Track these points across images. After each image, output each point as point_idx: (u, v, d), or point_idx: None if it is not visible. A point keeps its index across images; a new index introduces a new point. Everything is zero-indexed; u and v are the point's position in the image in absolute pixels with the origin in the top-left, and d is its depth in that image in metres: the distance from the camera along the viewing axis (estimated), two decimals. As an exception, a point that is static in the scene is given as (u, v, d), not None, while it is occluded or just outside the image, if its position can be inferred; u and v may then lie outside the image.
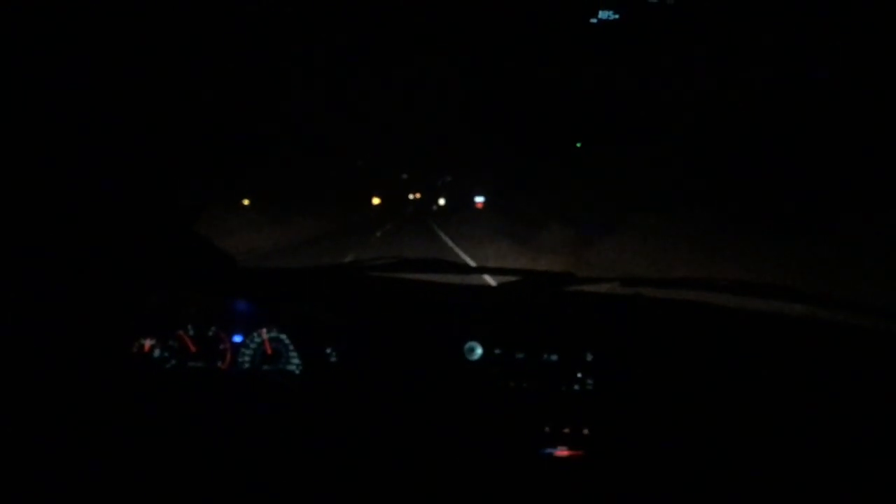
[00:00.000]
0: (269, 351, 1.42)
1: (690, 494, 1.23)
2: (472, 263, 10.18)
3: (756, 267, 8.03)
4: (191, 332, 1.43)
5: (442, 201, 57.09)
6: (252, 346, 1.42)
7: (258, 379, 1.41)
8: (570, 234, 14.24)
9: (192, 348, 1.42)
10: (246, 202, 21.24)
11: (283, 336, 1.42)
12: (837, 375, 1.28)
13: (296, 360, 1.41)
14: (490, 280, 1.49)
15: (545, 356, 1.36)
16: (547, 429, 1.31)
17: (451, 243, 16.12)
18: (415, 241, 17.62)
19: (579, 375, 1.34)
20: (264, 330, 1.43)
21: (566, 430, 1.30)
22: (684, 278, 1.51)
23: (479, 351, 1.37)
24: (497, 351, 1.37)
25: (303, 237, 17.85)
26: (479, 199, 35.44)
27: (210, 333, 1.43)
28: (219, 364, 1.42)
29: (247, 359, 1.42)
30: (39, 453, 1.18)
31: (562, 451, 1.29)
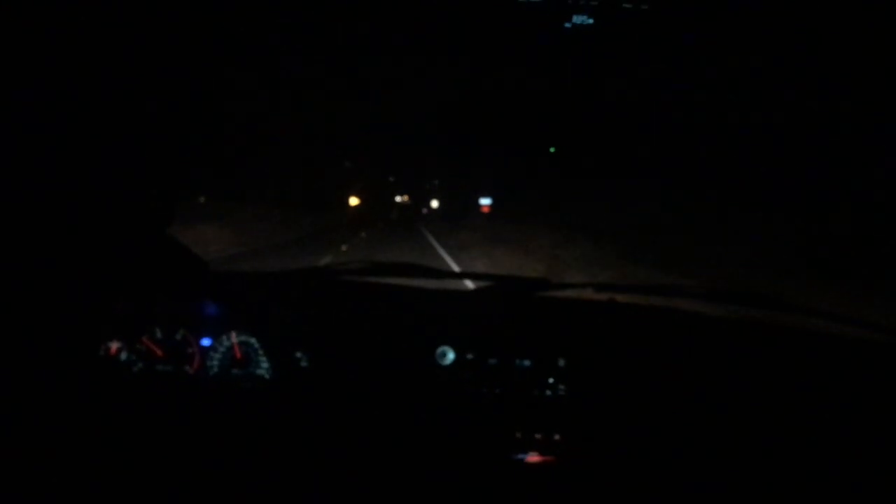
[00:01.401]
0: (239, 355, 1.39)
1: (662, 501, 1.24)
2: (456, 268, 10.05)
3: (730, 273, 8.17)
4: (158, 336, 1.40)
5: (435, 203, 51.66)
6: (221, 349, 1.40)
7: (227, 383, 1.39)
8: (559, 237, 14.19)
9: (159, 353, 1.39)
10: (202, 199, 18.54)
11: (253, 340, 1.40)
12: (809, 380, 1.30)
13: (265, 365, 1.39)
14: (464, 285, 1.49)
15: (518, 361, 1.36)
16: (518, 434, 1.30)
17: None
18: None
19: (551, 381, 1.35)
20: (234, 333, 1.40)
21: (538, 436, 1.30)
22: (656, 285, 1.52)
23: (451, 356, 1.36)
24: (469, 356, 1.36)
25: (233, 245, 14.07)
26: (485, 202, 31.72)
27: (178, 337, 1.40)
28: (187, 368, 1.39)
29: (215, 363, 1.40)
30: (7, 455, 1.15)
31: (533, 457, 1.28)
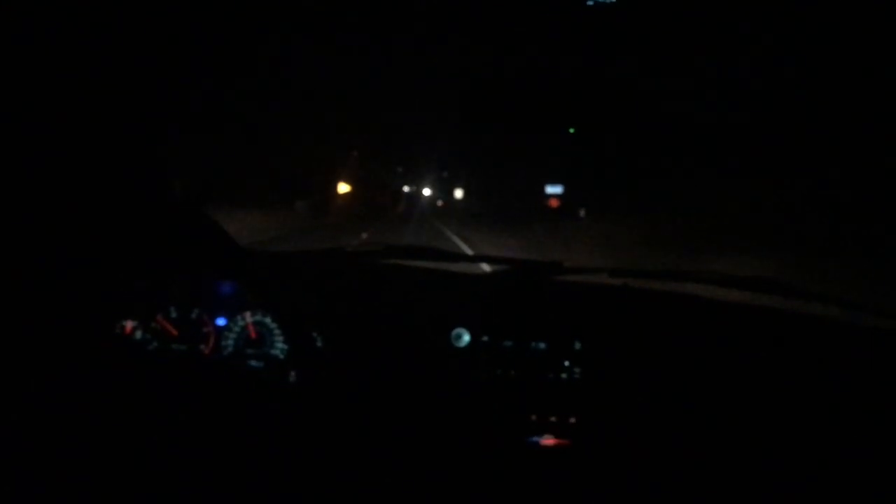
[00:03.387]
0: (254, 335, 1.40)
1: (677, 484, 1.24)
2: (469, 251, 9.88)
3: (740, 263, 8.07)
4: (173, 315, 1.40)
5: (459, 193, 41.62)
6: (236, 329, 1.40)
7: (242, 363, 1.39)
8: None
9: (173, 332, 1.39)
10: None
11: (268, 320, 1.40)
12: (822, 367, 1.29)
13: (280, 345, 1.39)
14: (479, 268, 1.49)
15: (533, 344, 1.35)
16: (534, 417, 1.30)
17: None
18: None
19: (567, 364, 1.34)
20: (248, 313, 1.41)
21: (553, 419, 1.30)
22: (671, 270, 1.51)
23: (466, 338, 1.36)
24: (485, 338, 1.36)
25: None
26: (555, 192, 24.05)
27: (193, 316, 1.40)
28: (202, 347, 1.40)
29: (230, 343, 1.40)
30: (18, 435, 1.16)
31: (548, 440, 1.28)
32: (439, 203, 40.58)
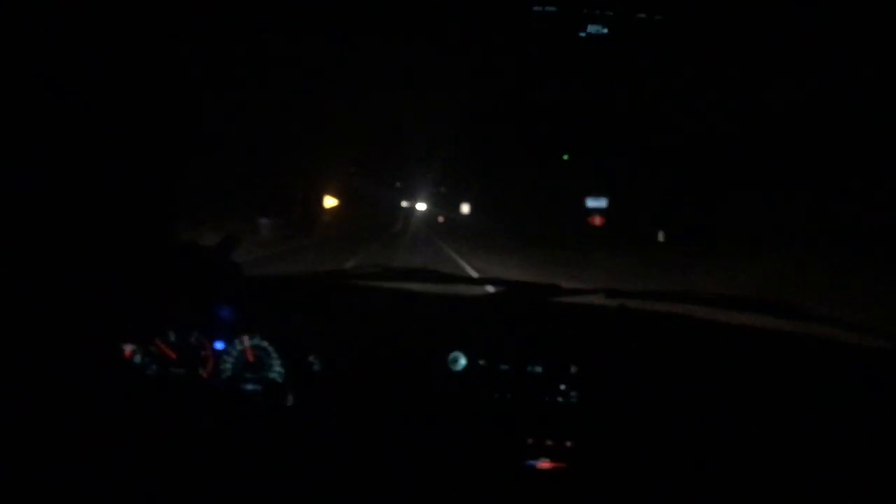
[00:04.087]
0: (251, 359, 1.40)
1: None
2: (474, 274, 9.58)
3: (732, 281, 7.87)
4: (171, 339, 1.41)
5: (465, 209, 34.83)
6: (234, 353, 1.41)
7: (240, 388, 1.40)
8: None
9: (172, 355, 1.40)
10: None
11: (266, 344, 1.41)
12: (823, 389, 1.29)
13: (278, 369, 1.40)
14: (476, 290, 1.50)
15: (529, 367, 1.36)
16: (530, 441, 1.30)
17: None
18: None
19: (563, 387, 1.34)
20: (246, 337, 1.41)
21: (549, 443, 1.30)
22: (668, 291, 1.52)
23: (462, 361, 1.36)
24: (481, 362, 1.36)
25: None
26: (598, 206, 20.09)
27: (192, 340, 1.41)
28: (200, 371, 1.40)
29: (228, 366, 1.41)
30: (18, 456, 1.16)
31: (544, 464, 1.28)
32: (440, 219, 34.50)
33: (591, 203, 19.32)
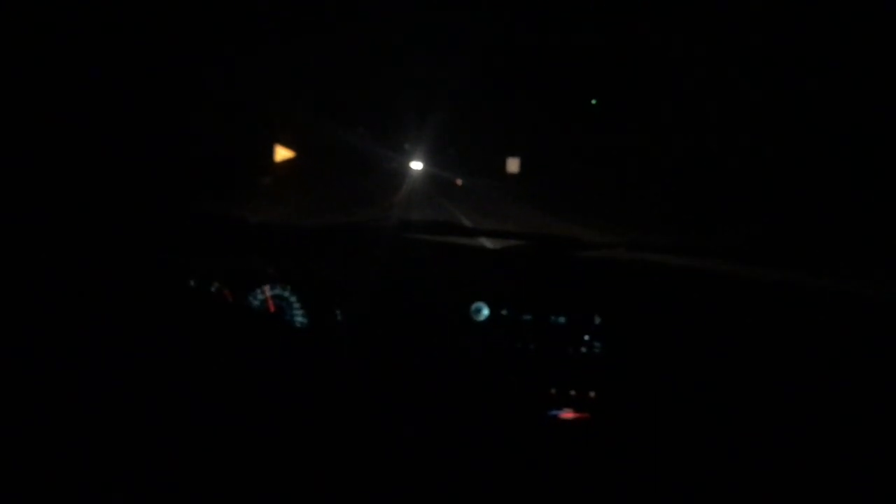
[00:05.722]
0: (273, 309, 1.40)
1: (694, 458, 1.24)
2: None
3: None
4: (192, 287, 1.40)
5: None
6: (255, 303, 1.40)
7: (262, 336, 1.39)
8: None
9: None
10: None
11: (287, 293, 1.40)
12: (843, 341, 1.29)
13: (300, 318, 1.39)
14: (497, 243, 1.49)
15: (552, 318, 1.35)
16: (553, 391, 1.31)
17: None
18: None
19: (587, 338, 1.34)
20: (267, 287, 1.40)
21: (572, 393, 1.30)
22: (689, 245, 1.50)
23: (485, 312, 1.36)
24: (504, 312, 1.36)
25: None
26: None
27: (213, 290, 1.40)
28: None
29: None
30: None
31: (567, 414, 1.29)
32: (459, 182, 25.06)
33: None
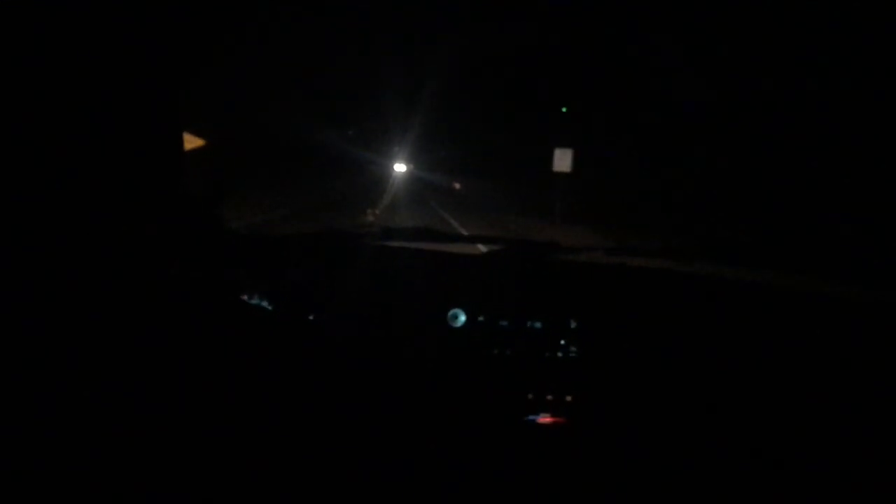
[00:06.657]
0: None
1: (672, 461, 1.25)
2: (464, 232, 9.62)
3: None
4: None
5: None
6: (232, 311, 1.41)
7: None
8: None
9: None
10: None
11: (265, 303, 1.40)
12: (820, 342, 1.30)
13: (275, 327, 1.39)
14: (475, 248, 1.50)
15: (529, 323, 1.36)
16: (530, 396, 1.31)
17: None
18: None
19: (563, 343, 1.35)
20: (245, 297, 1.41)
21: (549, 398, 1.31)
22: (668, 248, 1.52)
23: (462, 318, 1.36)
24: (481, 318, 1.36)
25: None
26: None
27: (189, 299, 1.40)
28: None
29: None
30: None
31: (545, 418, 1.29)
32: (457, 186, 22.01)
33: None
